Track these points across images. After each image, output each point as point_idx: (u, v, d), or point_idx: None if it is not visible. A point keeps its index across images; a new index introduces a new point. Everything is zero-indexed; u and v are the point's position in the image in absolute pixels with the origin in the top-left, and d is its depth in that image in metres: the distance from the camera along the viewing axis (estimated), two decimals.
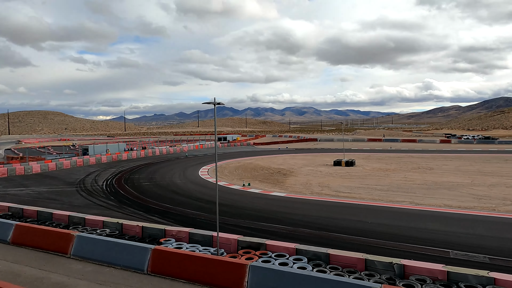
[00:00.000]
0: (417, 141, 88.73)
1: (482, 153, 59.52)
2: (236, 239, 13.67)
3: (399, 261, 10.91)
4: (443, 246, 15.10)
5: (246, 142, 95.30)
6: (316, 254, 12.08)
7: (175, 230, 15.09)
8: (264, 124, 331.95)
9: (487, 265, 12.96)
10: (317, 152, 65.81)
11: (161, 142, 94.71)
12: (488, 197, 25.40)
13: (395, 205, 23.37)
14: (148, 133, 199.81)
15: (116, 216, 19.83)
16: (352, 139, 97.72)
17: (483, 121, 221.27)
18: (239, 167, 44.80)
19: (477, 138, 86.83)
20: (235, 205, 23.72)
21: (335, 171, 40.37)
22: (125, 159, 55.89)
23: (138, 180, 35.01)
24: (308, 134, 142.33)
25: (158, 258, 12.04)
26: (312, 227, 18.24)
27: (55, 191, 29.69)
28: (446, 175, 35.86)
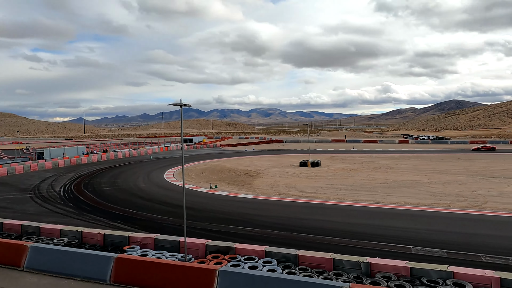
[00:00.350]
0: (378, 142, 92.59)
1: (437, 152, 63.24)
2: (204, 244, 13.37)
3: (365, 260, 11.19)
4: (405, 243, 15.75)
5: (213, 144, 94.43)
6: (286, 256, 12.09)
7: (140, 237, 14.48)
8: (231, 125, 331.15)
9: (445, 259, 13.66)
10: (284, 153, 66.59)
11: (123, 145, 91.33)
12: (443, 194, 26.93)
13: (359, 204, 24.09)
14: (109, 135, 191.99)
15: (75, 224, 18.73)
16: (317, 140, 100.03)
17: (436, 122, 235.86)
18: (205, 169, 44.21)
19: (432, 139, 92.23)
20: (203, 208, 23.30)
21: (301, 171, 41.00)
22: (85, 163, 53.22)
23: (99, 184, 33.40)
24: (274, 135, 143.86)
25: (121, 267, 11.46)
26: (280, 228, 18.32)
27: (6, 198, 27.55)
28: (405, 174, 37.62)
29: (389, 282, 10.02)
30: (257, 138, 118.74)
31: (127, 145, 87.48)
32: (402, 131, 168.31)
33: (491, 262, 13.32)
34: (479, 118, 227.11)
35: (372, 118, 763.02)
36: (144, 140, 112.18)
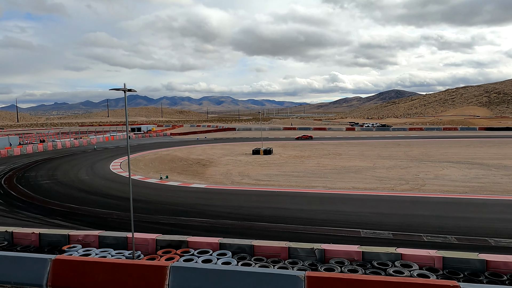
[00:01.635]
0: (327, 129, 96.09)
1: (380, 139, 67.16)
2: (154, 239, 12.61)
3: (319, 246, 11.29)
4: (355, 226, 16.32)
5: (163, 132, 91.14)
6: (241, 247, 11.81)
7: (82, 235, 13.28)
8: (181, 113, 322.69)
9: (391, 241, 14.37)
10: (236, 142, 66.29)
11: (64, 134, 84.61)
12: (387, 178, 28.54)
13: (311, 190, 24.62)
14: (47, 124, 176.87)
15: (6, 223, 16.78)
16: (269, 128, 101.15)
17: (379, 110, 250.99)
18: (155, 159, 42.43)
19: (375, 126, 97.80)
20: (152, 200, 22.22)
21: (254, 159, 41.04)
22: (18, 155, 48.34)
23: (35, 178, 30.44)
24: (227, 123, 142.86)
25: (60, 269, 10.36)
26: (234, 218, 18.03)
27: None
28: (352, 160, 39.33)
29: (343, 267, 10.19)
30: (209, 126, 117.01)
31: (68, 135, 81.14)
32: (349, 119, 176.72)
33: (432, 241, 14.25)
34: (416, 106, 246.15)
35: (321, 107, 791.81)
36: (87, 129, 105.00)
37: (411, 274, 9.66)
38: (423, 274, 9.68)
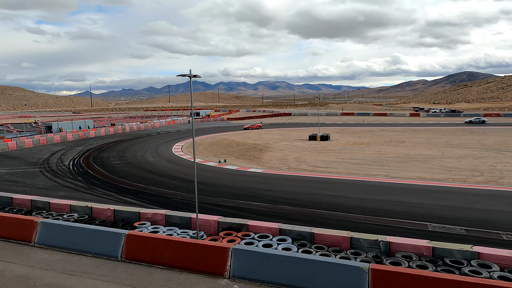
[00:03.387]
0: (388, 115, 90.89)
1: (449, 126, 61.82)
2: (216, 221, 13.06)
3: (384, 238, 10.77)
4: (421, 219, 15.30)
5: (220, 117, 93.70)
6: (301, 234, 11.73)
7: (150, 213, 14.24)
8: (237, 99, 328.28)
9: (464, 237, 13.24)
10: (292, 127, 65.77)
11: (131, 118, 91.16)
12: (458, 169, 26.24)
13: (371, 179, 23.59)
14: (117, 109, 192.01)
15: (85, 198, 18.64)
16: (326, 113, 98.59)
17: (447, 95, 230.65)
18: (213, 143, 43.85)
19: (444, 111, 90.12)
20: (212, 182, 23.05)
21: (310, 145, 40.40)
22: (93, 137, 53.23)
23: (108, 158, 33.32)
24: (282, 108, 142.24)
25: (132, 244, 11.23)
26: (292, 204, 17.99)
27: (16, 172, 27.63)
28: (417, 148, 36.80)
29: (411, 262, 9.62)
30: (264, 111, 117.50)
31: (134, 119, 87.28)
32: (412, 104, 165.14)
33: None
34: (492, 90, 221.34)
35: (381, 91, 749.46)
36: (151, 113, 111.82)
37: (491, 276, 8.79)
38: (505, 277, 8.75)
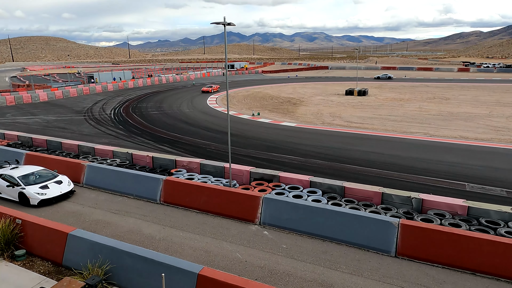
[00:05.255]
0: (434, 70, 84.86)
1: (503, 82, 56.86)
2: (249, 171, 13.44)
3: (417, 195, 10.61)
4: (458, 179, 14.79)
5: (254, 70, 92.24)
6: (331, 187, 11.83)
7: (186, 161, 14.87)
8: (273, 51, 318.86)
9: (504, 199, 12.71)
10: (328, 81, 63.60)
11: (167, 70, 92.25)
12: (506, 129, 24.54)
13: (409, 136, 22.75)
14: (153, 60, 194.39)
15: (125, 146, 19.71)
16: (365, 67, 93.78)
17: (504, 48, 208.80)
18: (247, 96, 43.73)
19: (497, 67, 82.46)
20: (245, 135, 23.36)
21: (346, 100, 39.17)
22: (132, 87, 54.86)
23: (146, 108, 34.51)
24: (319, 61, 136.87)
25: (170, 189, 11.95)
26: (324, 158, 17.96)
27: (63, 119, 29.51)
28: (463, 106, 34.55)
29: (443, 220, 9.49)
30: (300, 64, 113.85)
31: (170, 70, 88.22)
32: (462, 58, 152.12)
33: None
34: None
35: (428, 43, 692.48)
36: (187, 65, 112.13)
37: None
38: None
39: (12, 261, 8.56)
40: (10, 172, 12.49)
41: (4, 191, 12.30)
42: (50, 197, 11.86)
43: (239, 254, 8.93)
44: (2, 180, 12.34)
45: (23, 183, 11.96)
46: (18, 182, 11.99)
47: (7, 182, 12.14)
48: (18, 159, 15.40)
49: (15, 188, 11.92)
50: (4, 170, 12.74)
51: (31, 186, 11.93)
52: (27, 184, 11.95)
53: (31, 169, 12.86)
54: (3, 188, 12.26)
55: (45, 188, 12.00)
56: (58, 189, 12.17)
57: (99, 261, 7.63)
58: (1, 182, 12.31)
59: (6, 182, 12.20)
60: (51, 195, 11.89)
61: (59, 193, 12.05)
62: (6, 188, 12.08)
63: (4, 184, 12.16)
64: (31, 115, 31.52)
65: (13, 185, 11.94)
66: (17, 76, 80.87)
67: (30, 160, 15.29)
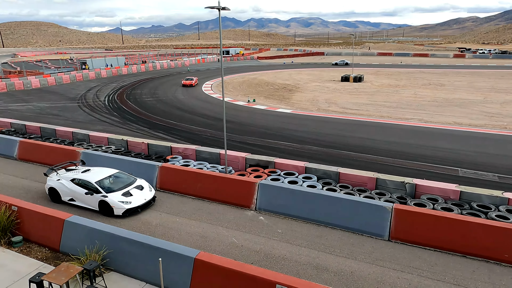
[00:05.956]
0: (429, 56, 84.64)
1: (498, 68, 56.96)
2: (244, 157, 13.48)
3: (411, 180, 10.75)
4: (452, 164, 14.99)
5: (250, 56, 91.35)
6: (326, 173, 11.93)
7: (182, 148, 14.87)
8: (268, 36, 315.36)
9: (496, 184, 12.93)
10: (324, 67, 63.29)
11: (161, 56, 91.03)
12: (500, 115, 24.75)
13: (404, 123, 22.88)
14: (147, 46, 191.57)
15: (120, 133, 19.61)
16: (361, 53, 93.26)
17: (500, 34, 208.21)
18: (243, 83, 43.45)
19: (493, 53, 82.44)
20: (241, 121, 23.33)
21: (342, 87, 39.09)
22: (126, 74, 54.20)
23: (140, 95, 34.20)
24: (315, 47, 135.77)
25: (166, 175, 11.98)
26: (320, 145, 18.05)
27: (57, 106, 29.19)
28: (458, 92, 34.67)
29: (436, 205, 9.65)
30: (296, 50, 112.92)
31: (164, 56, 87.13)
32: (458, 44, 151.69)
33: None
34: None
35: (425, 29, 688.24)
36: (181, 51, 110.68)
37: None
38: None
39: (9, 248, 8.61)
40: (83, 176, 10.76)
41: (80, 198, 10.60)
42: (135, 206, 10.20)
43: (235, 239, 9.05)
44: (76, 186, 10.63)
45: (104, 190, 10.26)
46: (98, 189, 10.25)
47: (83, 189, 10.43)
48: (12, 146, 15.27)
49: (95, 196, 10.20)
50: (75, 174, 11.01)
51: (113, 193, 10.21)
52: (108, 191, 10.24)
53: (106, 172, 11.06)
54: (78, 195, 10.60)
55: (128, 195, 10.31)
56: (142, 196, 10.48)
57: (96, 246, 7.70)
58: (76, 188, 10.62)
59: (81, 188, 10.51)
60: (136, 204, 10.22)
61: (144, 200, 10.38)
62: (84, 196, 10.37)
63: (81, 191, 10.47)
64: (24, 102, 31.12)
65: (92, 192, 10.22)
66: (8, 62, 79.39)
67: (24, 148, 15.18)
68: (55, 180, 11.03)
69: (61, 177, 11.05)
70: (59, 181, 10.94)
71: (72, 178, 10.82)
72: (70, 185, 10.72)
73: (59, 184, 10.89)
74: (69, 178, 10.86)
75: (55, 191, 10.97)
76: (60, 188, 10.86)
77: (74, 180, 10.77)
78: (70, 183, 10.75)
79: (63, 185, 10.82)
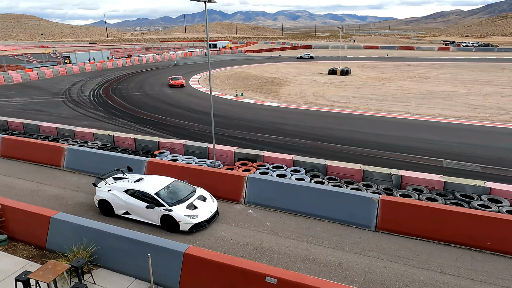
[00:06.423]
0: (415, 49, 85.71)
1: (481, 61, 58.12)
2: (233, 151, 13.47)
3: (397, 172, 10.94)
4: (436, 156, 15.31)
5: (237, 49, 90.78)
6: (314, 166, 12.04)
7: (169, 142, 14.75)
8: (256, 30, 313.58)
9: (478, 174, 13.28)
10: (312, 60, 63.44)
11: (147, 50, 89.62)
12: (483, 107, 25.32)
13: (390, 115, 23.20)
14: (132, 39, 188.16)
15: (107, 128, 19.32)
16: (348, 46, 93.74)
17: (483, 27, 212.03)
18: (231, 76, 43.22)
19: (476, 46, 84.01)
20: (229, 115, 23.25)
21: (330, 80, 39.30)
22: (111, 68, 53.21)
23: (126, 90, 33.67)
24: (302, 41, 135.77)
25: (154, 170, 11.88)
26: (308, 138, 18.16)
27: (40, 102, 28.51)
28: (442, 84, 35.28)
29: (421, 195, 9.86)
30: (283, 43, 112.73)
31: (150, 50, 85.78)
32: (443, 37, 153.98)
33: None
34: None
35: (410, 22, 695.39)
36: (167, 44, 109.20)
37: (499, 210, 8.98)
38: None
39: None
40: (138, 186, 9.58)
41: (137, 212, 9.39)
42: (202, 220, 9.07)
43: (225, 233, 9.08)
44: (132, 198, 9.42)
45: (167, 202, 9.11)
46: (159, 201, 9.09)
47: (141, 201, 9.26)
48: None
49: (156, 210, 9.02)
50: (129, 184, 9.78)
51: (177, 206, 9.06)
52: (171, 204, 9.09)
53: (162, 181, 9.88)
54: (136, 208, 9.37)
55: (193, 208, 9.19)
56: (207, 208, 9.38)
57: (84, 243, 7.62)
58: (132, 200, 9.40)
59: (139, 200, 9.31)
60: (203, 218, 9.08)
61: (210, 213, 9.29)
62: (144, 209, 9.18)
63: (139, 204, 9.26)
64: (5, 98, 30.28)
65: (153, 205, 9.03)
66: None
67: (7, 145, 14.80)
68: (105, 191, 9.81)
69: (112, 187, 9.86)
70: (111, 192, 9.72)
71: (126, 188, 9.64)
72: (125, 197, 9.52)
73: (111, 196, 9.66)
74: (123, 188, 9.67)
75: (107, 204, 9.74)
76: (113, 200, 9.62)
77: (128, 191, 9.59)
78: (124, 195, 9.55)
79: (116, 197, 9.59)
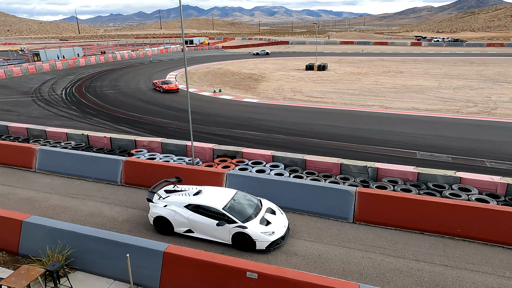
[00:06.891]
0: (389, 44, 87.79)
1: (451, 56, 60.27)
2: (212, 148, 13.39)
3: (373, 165, 11.23)
4: (411, 148, 15.80)
5: (214, 45, 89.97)
6: (293, 161, 12.16)
7: (147, 141, 14.49)
8: (233, 25, 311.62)
9: (450, 164, 13.82)
10: (289, 56, 63.79)
11: (121, 46, 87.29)
12: (453, 100, 26.31)
13: (366, 109, 23.72)
14: (106, 36, 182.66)
15: (80, 127, 18.74)
16: (325, 42, 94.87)
17: (453, 23, 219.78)
18: (208, 73, 42.84)
19: (446, 41, 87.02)
20: (207, 112, 23.08)
21: (307, 75, 39.68)
22: (83, 65, 51.53)
23: (100, 88, 32.72)
24: (279, 36, 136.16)
25: (131, 170, 11.66)
26: (286, 133, 18.30)
27: (8, 101, 27.27)
28: (415, 79, 36.36)
29: (396, 186, 10.17)
30: (261, 39, 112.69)
31: (125, 47, 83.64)
32: (415, 33, 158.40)
33: (495, 168, 13.46)
34: (500, 18, 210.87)
35: (384, 18, 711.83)
36: (143, 41, 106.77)
37: (469, 198, 9.40)
38: (482, 199, 9.37)
39: None
40: (200, 200, 8.56)
41: (203, 229, 8.35)
42: (279, 237, 8.11)
43: None
44: (196, 215, 8.38)
45: (238, 218, 8.14)
46: (229, 217, 8.12)
47: (206, 217, 8.27)
48: None
49: (226, 227, 8.06)
50: (188, 198, 8.73)
51: (250, 222, 8.12)
52: (244, 220, 8.15)
53: (224, 192, 8.94)
54: (202, 226, 8.33)
55: (265, 223, 8.28)
56: (280, 222, 8.45)
57: (59, 246, 7.40)
58: (197, 217, 8.36)
59: (203, 216, 8.30)
60: (279, 234, 8.13)
61: (284, 228, 8.32)
62: (211, 227, 8.20)
63: (207, 221, 8.23)
64: None
65: (223, 222, 8.08)
66: None
67: None
68: (162, 207, 8.73)
69: (169, 202, 8.79)
70: (169, 208, 8.65)
71: (186, 203, 8.59)
72: (187, 213, 8.47)
73: (170, 212, 8.59)
74: (182, 203, 8.62)
75: (165, 221, 8.64)
76: (173, 217, 8.56)
77: (189, 206, 8.56)
78: (186, 211, 8.51)
79: (176, 213, 8.54)
